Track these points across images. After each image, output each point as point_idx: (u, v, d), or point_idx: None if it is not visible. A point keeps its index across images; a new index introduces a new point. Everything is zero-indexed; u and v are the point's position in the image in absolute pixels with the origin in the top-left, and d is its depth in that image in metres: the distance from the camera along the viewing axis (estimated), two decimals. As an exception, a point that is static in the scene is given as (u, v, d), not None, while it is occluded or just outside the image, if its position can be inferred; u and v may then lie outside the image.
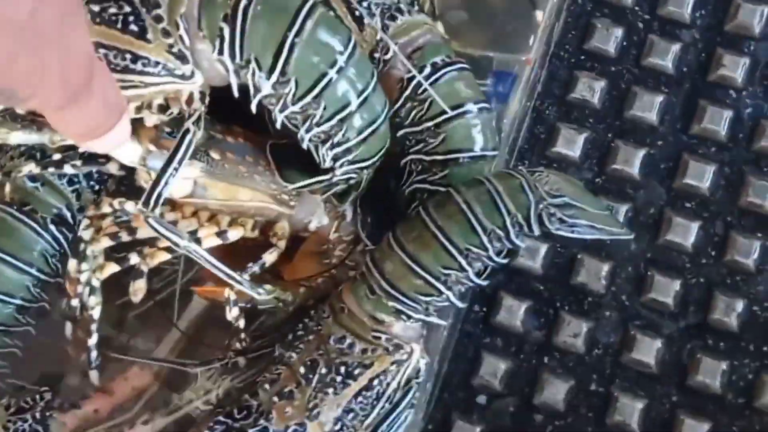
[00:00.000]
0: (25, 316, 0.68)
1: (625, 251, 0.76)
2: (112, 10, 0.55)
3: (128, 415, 0.69)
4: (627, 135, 0.79)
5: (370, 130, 0.61)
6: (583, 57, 0.81)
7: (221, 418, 0.61)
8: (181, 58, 0.57)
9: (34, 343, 0.70)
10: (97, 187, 0.70)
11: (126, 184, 0.69)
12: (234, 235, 0.65)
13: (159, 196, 0.58)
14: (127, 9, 0.55)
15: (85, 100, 0.50)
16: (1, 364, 0.68)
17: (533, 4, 0.79)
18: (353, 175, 0.64)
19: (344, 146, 0.61)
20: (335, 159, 0.62)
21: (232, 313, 0.66)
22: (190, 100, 0.59)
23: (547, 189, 0.63)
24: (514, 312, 0.75)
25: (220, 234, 0.65)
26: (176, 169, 0.58)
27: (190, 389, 0.67)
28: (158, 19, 0.55)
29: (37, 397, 0.67)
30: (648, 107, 0.79)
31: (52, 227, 0.67)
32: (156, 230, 0.59)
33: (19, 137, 0.60)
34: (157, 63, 0.56)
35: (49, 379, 0.70)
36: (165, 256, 0.65)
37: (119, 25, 0.55)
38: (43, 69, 0.46)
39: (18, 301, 0.67)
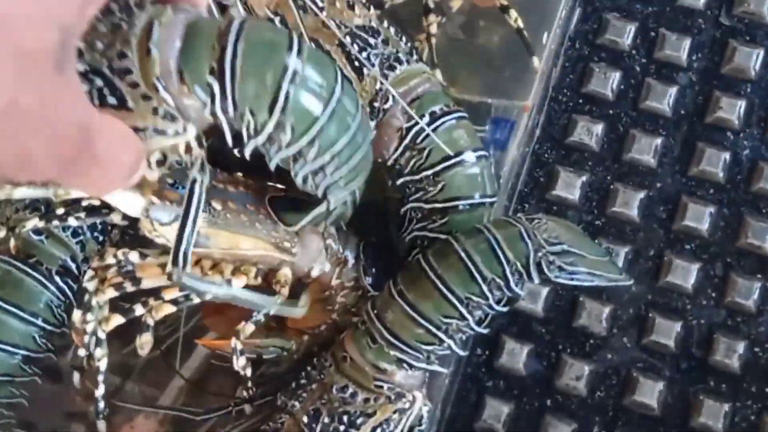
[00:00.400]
0: (31, 366, 0.69)
1: (626, 294, 0.76)
2: (85, 88, 0.51)
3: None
4: (626, 177, 0.79)
5: (358, 157, 0.61)
6: (581, 101, 0.82)
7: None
8: (170, 117, 0.54)
9: (40, 393, 0.70)
10: (101, 238, 0.70)
11: (130, 233, 0.69)
12: (238, 284, 0.66)
13: (186, 253, 0.57)
14: (100, 82, 0.51)
15: (86, 166, 0.48)
16: (7, 415, 0.69)
17: (530, 50, 0.80)
18: (347, 197, 0.64)
19: (336, 175, 0.61)
20: (327, 187, 0.62)
21: (239, 363, 0.67)
22: (188, 149, 0.58)
23: (545, 237, 0.63)
24: (516, 355, 0.76)
25: (225, 285, 0.66)
26: (195, 222, 0.57)
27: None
28: (134, 85, 0.52)
29: (43, 447, 0.68)
30: (646, 150, 0.79)
31: (57, 278, 0.68)
32: (192, 288, 0.58)
33: (23, 193, 0.59)
34: (146, 128, 0.54)
35: None
36: (170, 309, 0.65)
37: (96, 102, 0.52)
38: (28, 151, 0.44)
39: (24, 352, 0.68)
